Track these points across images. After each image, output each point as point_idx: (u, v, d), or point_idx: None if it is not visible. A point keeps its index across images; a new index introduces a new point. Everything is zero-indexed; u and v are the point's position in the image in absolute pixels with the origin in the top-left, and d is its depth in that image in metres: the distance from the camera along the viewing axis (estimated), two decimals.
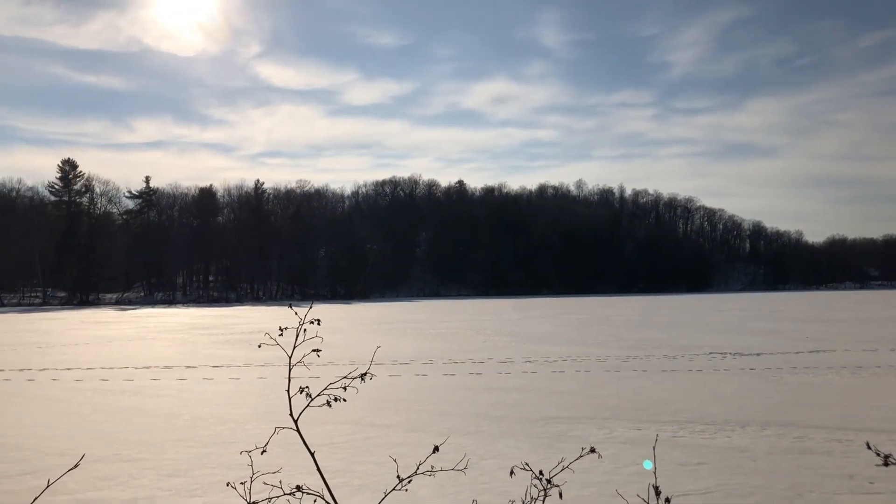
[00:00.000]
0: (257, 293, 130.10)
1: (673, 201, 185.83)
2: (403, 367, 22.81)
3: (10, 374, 22.86)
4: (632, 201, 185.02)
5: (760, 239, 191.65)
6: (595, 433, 12.76)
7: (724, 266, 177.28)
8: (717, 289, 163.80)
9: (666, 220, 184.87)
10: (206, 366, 24.39)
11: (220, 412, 15.38)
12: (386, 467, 10.45)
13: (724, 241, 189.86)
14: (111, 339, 37.41)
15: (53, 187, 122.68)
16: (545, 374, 20.98)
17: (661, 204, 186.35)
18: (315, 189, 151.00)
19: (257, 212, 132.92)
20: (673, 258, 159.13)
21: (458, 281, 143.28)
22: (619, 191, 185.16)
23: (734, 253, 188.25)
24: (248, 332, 41.79)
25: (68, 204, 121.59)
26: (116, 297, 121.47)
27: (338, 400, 3.88)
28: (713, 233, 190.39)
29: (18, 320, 62.19)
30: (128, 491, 9.42)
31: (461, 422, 13.95)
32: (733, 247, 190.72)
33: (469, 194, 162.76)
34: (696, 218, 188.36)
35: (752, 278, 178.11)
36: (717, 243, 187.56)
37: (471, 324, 46.89)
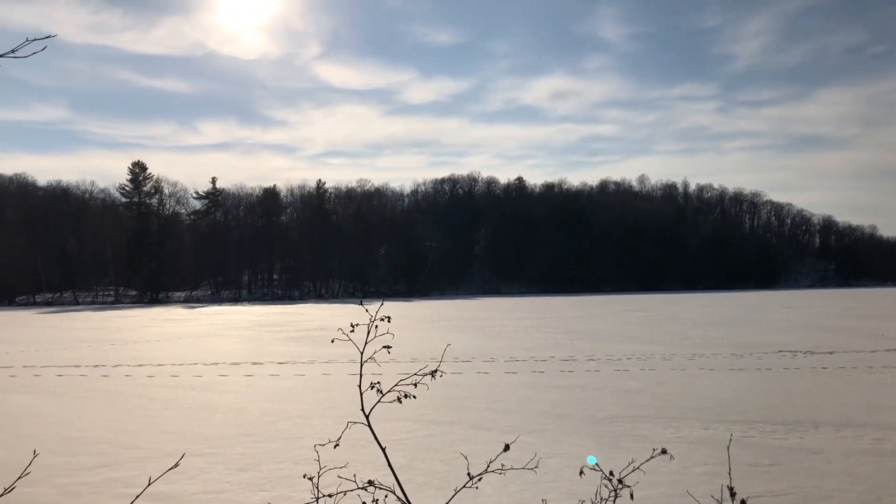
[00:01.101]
0: (320, 291, 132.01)
1: (739, 196, 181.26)
2: (465, 365, 22.84)
3: (86, 370, 23.73)
4: (696, 196, 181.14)
5: (831, 234, 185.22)
6: (661, 433, 12.54)
7: (793, 262, 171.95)
8: (785, 285, 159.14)
9: (732, 216, 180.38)
10: (272, 362, 24.86)
11: (286, 408, 15.65)
12: (450, 465, 10.48)
13: (792, 236, 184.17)
14: (180, 337, 38.48)
15: (124, 189, 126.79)
16: (609, 373, 20.72)
17: (727, 199, 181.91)
18: (375, 188, 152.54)
19: (319, 211, 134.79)
20: (739, 254, 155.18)
21: (518, 278, 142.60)
22: (682, 186, 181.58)
23: (803, 248, 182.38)
24: (312, 329, 42.45)
25: (138, 205, 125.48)
26: (185, 295, 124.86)
27: (408, 396, 3.90)
28: (781, 228, 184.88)
29: (92, 318, 64.53)
30: (198, 484, 9.66)
31: (524, 420, 13.88)
32: (802, 242, 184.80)
33: (528, 191, 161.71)
34: (762, 213, 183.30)
35: (822, 274, 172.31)
36: (786, 239, 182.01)
37: (532, 321, 46.64)
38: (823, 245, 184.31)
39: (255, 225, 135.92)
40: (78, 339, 37.35)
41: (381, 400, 3.73)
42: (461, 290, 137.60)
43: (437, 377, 3.81)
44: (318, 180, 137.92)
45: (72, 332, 43.44)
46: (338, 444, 4.05)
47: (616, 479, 3.12)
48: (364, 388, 3.63)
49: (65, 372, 23.05)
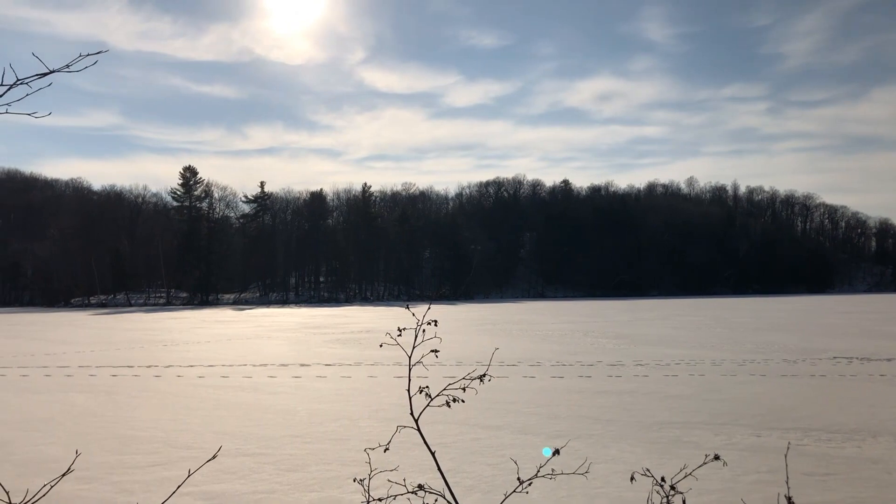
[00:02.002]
0: (365, 294, 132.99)
1: (790, 198, 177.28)
2: (511, 369, 22.75)
3: (139, 370, 24.28)
4: (746, 199, 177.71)
5: (888, 237, 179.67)
6: (712, 439, 12.32)
7: (847, 266, 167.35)
8: (839, 290, 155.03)
9: (783, 218, 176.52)
10: (319, 364, 25.11)
11: (333, 409, 15.79)
12: (497, 469, 10.44)
13: (846, 239, 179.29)
14: (230, 338, 39.12)
15: (175, 193, 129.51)
16: (657, 378, 20.43)
17: (778, 201, 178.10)
18: (420, 191, 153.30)
19: (365, 214, 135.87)
20: (791, 258, 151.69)
21: (564, 281, 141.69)
22: (732, 188, 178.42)
23: (858, 252, 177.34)
24: (358, 331, 42.77)
25: (189, 209, 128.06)
26: (234, 297, 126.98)
27: (456, 401, 3.89)
28: (835, 231, 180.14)
29: (145, 319, 66.02)
30: (249, 484, 9.80)
31: (572, 425, 13.77)
32: (857, 245, 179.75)
33: (574, 193, 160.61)
34: (815, 215, 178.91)
35: (878, 279, 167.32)
36: (840, 242, 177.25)
37: (578, 325, 46.28)
38: (880, 248, 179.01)
39: (301, 228, 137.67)
40: (131, 340, 38.24)
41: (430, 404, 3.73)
42: (506, 293, 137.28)
43: (485, 381, 3.80)
44: (363, 184, 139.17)
45: (125, 334, 44.50)
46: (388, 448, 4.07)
47: (668, 486, 3.07)
48: (413, 391, 3.64)
49: (118, 372, 23.62)
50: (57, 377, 22.54)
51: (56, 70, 2.48)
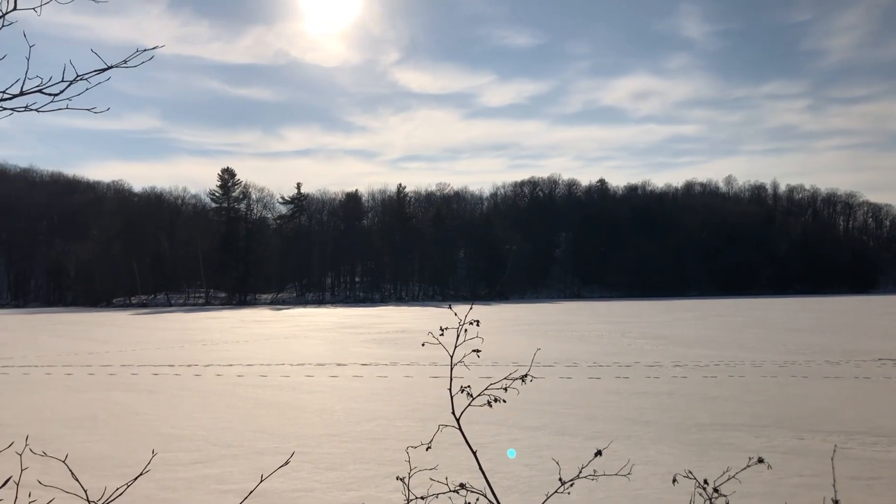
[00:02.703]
0: (400, 294, 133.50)
1: (832, 197, 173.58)
2: (547, 370, 22.66)
3: (180, 369, 24.68)
4: (786, 197, 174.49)
5: None
6: (752, 441, 12.14)
7: (892, 266, 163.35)
8: (883, 290, 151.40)
9: (824, 217, 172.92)
10: (356, 363, 25.27)
11: (370, 409, 15.88)
12: (535, 469, 10.41)
13: (891, 238, 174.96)
14: (268, 337, 39.55)
15: (214, 195, 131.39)
16: (696, 379, 20.19)
17: (819, 200, 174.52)
18: (454, 191, 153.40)
19: (399, 215, 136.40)
20: (832, 257, 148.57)
21: (601, 282, 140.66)
22: (772, 187, 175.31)
23: None
24: (394, 331, 42.94)
25: (227, 210, 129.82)
26: (271, 297, 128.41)
27: (498, 401, 3.90)
28: (879, 230, 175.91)
29: (184, 319, 67.06)
30: (288, 483, 9.90)
31: (609, 426, 13.67)
32: None
33: (611, 193, 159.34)
34: (858, 214, 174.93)
35: None
36: (884, 241, 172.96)
37: (615, 326, 45.91)
38: None
39: (337, 229, 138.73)
40: (171, 340, 38.88)
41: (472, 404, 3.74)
42: (541, 293, 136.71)
43: (527, 381, 3.80)
44: (398, 184, 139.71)
45: (165, 333, 45.25)
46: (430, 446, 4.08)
47: (711, 488, 3.04)
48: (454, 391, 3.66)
49: (160, 371, 24.03)
50: (100, 376, 23.01)
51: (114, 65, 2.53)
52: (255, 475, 10.16)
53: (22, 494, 2.17)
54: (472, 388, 3.69)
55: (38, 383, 21.43)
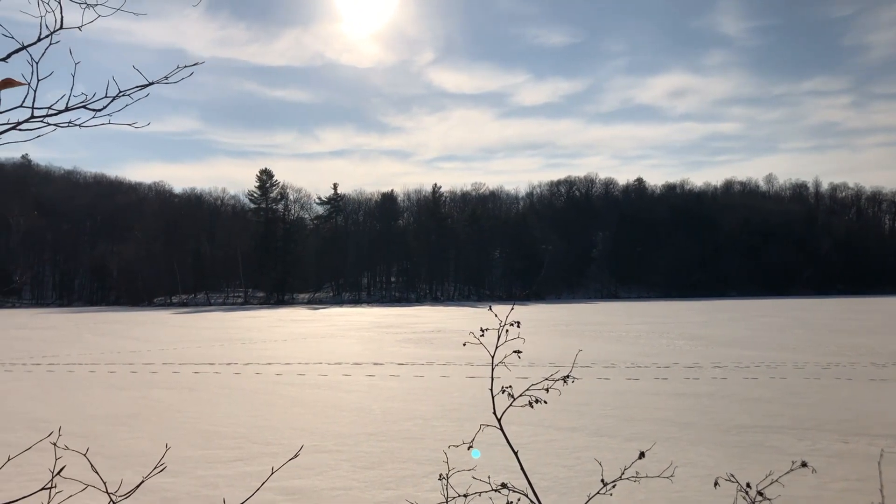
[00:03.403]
0: (435, 294, 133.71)
1: (877, 195, 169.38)
2: (585, 370, 22.52)
3: (220, 367, 25.02)
4: (828, 196, 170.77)
5: None
6: (795, 444, 11.92)
7: None
8: None
9: (869, 216, 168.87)
10: (392, 363, 25.38)
11: (407, 408, 15.94)
12: (573, 471, 10.36)
13: None
14: (305, 337, 39.91)
15: (252, 195, 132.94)
16: (736, 381, 19.89)
17: (863, 198, 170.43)
18: (490, 191, 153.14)
19: (435, 214, 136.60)
20: (877, 257, 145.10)
21: (638, 282, 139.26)
22: (813, 185, 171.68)
23: None
24: (429, 331, 43.02)
25: (265, 211, 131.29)
26: (308, 296, 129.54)
27: (539, 402, 3.89)
28: None
29: (224, 318, 67.98)
30: (327, 481, 9.98)
31: (648, 427, 13.54)
32: None
33: (649, 192, 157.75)
34: None
35: None
36: None
37: (653, 326, 45.45)
38: None
39: (373, 229, 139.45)
40: (211, 339, 39.44)
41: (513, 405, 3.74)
42: (577, 293, 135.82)
43: (569, 382, 3.79)
44: (434, 184, 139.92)
45: (205, 332, 45.92)
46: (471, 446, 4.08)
47: (755, 491, 2.99)
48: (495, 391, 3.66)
49: (200, 369, 24.39)
50: (142, 374, 23.44)
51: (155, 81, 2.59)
52: (295, 473, 10.26)
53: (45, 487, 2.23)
54: (511, 388, 3.69)
55: (82, 381, 21.90)
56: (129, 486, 2.66)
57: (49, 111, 2.32)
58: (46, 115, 2.32)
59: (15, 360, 28.25)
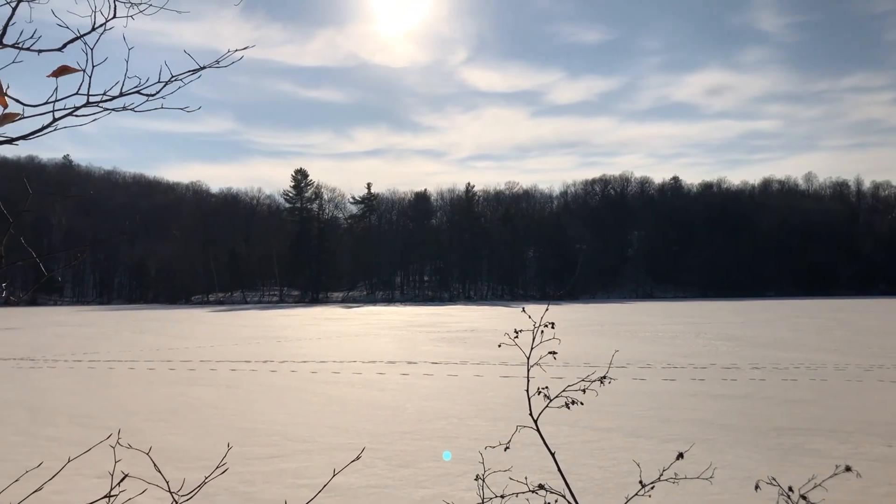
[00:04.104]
0: (468, 293, 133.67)
1: None
2: (620, 371, 22.33)
3: (256, 365, 25.30)
4: (871, 195, 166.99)
5: None
6: (837, 448, 11.70)
7: None
8: None
9: None
10: (426, 362, 25.43)
11: (441, 407, 15.96)
12: (608, 472, 10.29)
13: None
14: (340, 335, 40.17)
15: (288, 195, 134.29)
16: (775, 382, 19.57)
17: None
18: (524, 190, 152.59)
19: (468, 214, 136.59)
20: None
21: (674, 281, 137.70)
22: (855, 184, 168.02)
23: None
24: (462, 330, 43.03)
25: (300, 210, 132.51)
26: (342, 295, 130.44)
27: (575, 402, 3.86)
28: None
29: (259, 316, 68.72)
30: (363, 479, 10.04)
31: (685, 429, 13.39)
32: None
33: (685, 191, 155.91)
34: None
35: None
36: None
37: (689, 327, 44.92)
38: None
39: (406, 228, 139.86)
40: (247, 336, 39.89)
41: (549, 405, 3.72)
42: (612, 293, 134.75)
43: (605, 383, 3.76)
44: (467, 184, 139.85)
45: (242, 330, 46.47)
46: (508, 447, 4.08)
47: (798, 495, 2.93)
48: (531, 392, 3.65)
49: (237, 367, 24.69)
50: (180, 371, 23.79)
51: (207, 66, 2.62)
52: (330, 470, 10.32)
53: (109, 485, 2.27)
54: (547, 389, 3.68)
55: (122, 378, 22.31)
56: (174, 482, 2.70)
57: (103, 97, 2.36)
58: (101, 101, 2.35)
59: (57, 357, 28.87)
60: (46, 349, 32.65)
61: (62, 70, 2.17)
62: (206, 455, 11.49)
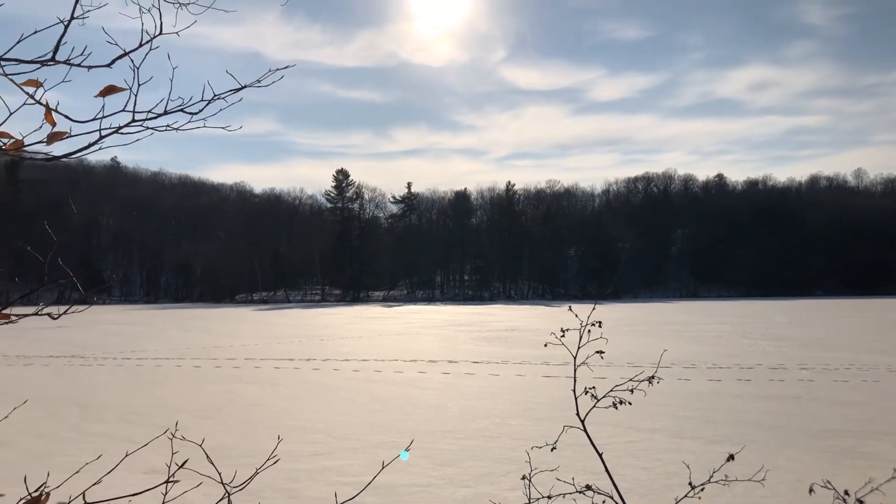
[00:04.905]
0: (509, 292, 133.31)
1: None
2: (664, 371, 22.04)
3: (299, 363, 25.57)
4: None
5: None
6: (892, 451, 11.38)
7: None
8: None
9: None
10: (467, 361, 25.42)
11: (483, 406, 15.93)
12: (653, 473, 10.16)
13: None
14: (381, 334, 40.39)
15: (329, 195, 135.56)
16: (825, 383, 19.13)
17: None
18: (565, 188, 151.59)
19: (508, 212, 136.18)
20: None
21: (719, 280, 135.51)
22: None
23: None
24: (503, 329, 42.92)
25: (342, 210, 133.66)
26: (383, 294, 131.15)
27: (623, 402, 3.82)
28: None
29: (302, 315, 69.46)
30: (406, 477, 10.07)
31: (731, 430, 13.16)
32: None
33: (729, 188, 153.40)
34: None
35: None
36: None
37: (734, 327, 44.16)
38: None
39: (446, 227, 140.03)
40: (290, 335, 40.35)
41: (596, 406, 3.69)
42: (656, 292, 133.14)
43: (654, 383, 3.71)
44: (507, 182, 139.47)
45: (285, 328, 47.01)
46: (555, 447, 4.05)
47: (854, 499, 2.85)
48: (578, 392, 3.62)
49: (280, 365, 24.98)
50: (226, 368, 24.16)
51: (248, 85, 2.66)
52: (374, 468, 10.38)
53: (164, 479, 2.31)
54: (594, 389, 3.64)
55: (169, 375, 22.74)
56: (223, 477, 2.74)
57: (148, 114, 2.41)
58: (146, 119, 2.40)
59: (107, 355, 29.55)
60: (96, 347, 33.44)
61: (109, 90, 2.22)
62: (252, 452, 11.64)
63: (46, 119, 2.18)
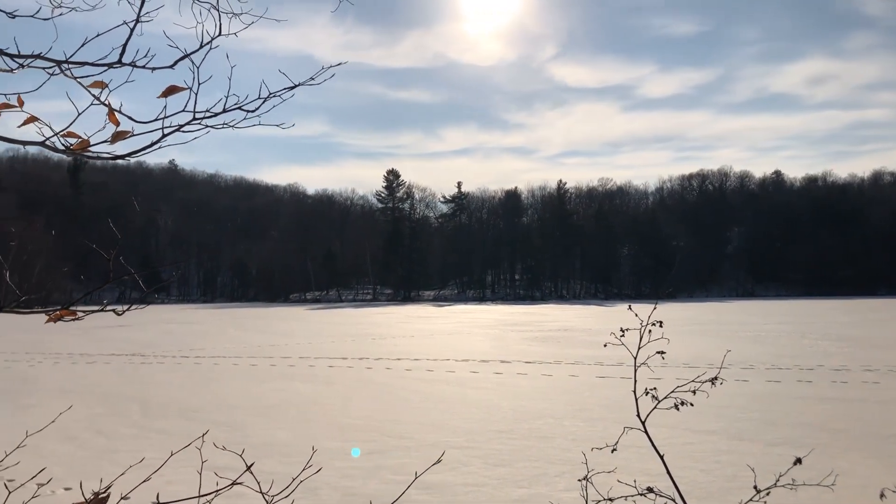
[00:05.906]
0: (561, 292, 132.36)
1: None
2: (722, 372, 21.55)
3: (352, 362, 25.79)
4: None
5: None
6: None
7: None
8: None
9: None
10: (519, 361, 25.30)
11: (536, 406, 15.82)
12: (712, 475, 9.95)
13: None
14: (432, 333, 40.50)
15: (380, 195, 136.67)
16: (891, 385, 18.48)
17: None
18: (617, 186, 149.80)
19: (560, 211, 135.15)
20: None
21: (776, 279, 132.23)
22: None
23: None
24: (556, 329, 42.61)
25: (392, 210, 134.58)
26: (434, 294, 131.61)
27: (685, 404, 3.74)
28: None
29: (354, 314, 70.10)
30: (460, 476, 10.05)
31: (792, 432, 12.81)
32: None
33: (787, 185, 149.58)
34: None
35: None
36: None
37: (794, 326, 43.03)
38: None
39: (497, 226, 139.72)
40: (343, 334, 40.75)
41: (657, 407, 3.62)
42: (711, 291, 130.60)
43: (716, 384, 3.62)
44: (558, 181, 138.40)
45: (338, 327, 47.51)
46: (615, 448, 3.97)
47: None
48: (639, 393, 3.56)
49: (334, 363, 25.24)
50: (281, 367, 24.51)
51: (302, 83, 2.69)
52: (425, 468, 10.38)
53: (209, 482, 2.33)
54: (655, 390, 3.57)
55: (225, 373, 23.17)
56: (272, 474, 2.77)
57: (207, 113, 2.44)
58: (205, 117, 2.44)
59: (166, 353, 30.27)
60: (156, 345, 34.29)
61: (171, 90, 2.25)
62: (307, 450, 11.75)
63: (110, 119, 2.22)
